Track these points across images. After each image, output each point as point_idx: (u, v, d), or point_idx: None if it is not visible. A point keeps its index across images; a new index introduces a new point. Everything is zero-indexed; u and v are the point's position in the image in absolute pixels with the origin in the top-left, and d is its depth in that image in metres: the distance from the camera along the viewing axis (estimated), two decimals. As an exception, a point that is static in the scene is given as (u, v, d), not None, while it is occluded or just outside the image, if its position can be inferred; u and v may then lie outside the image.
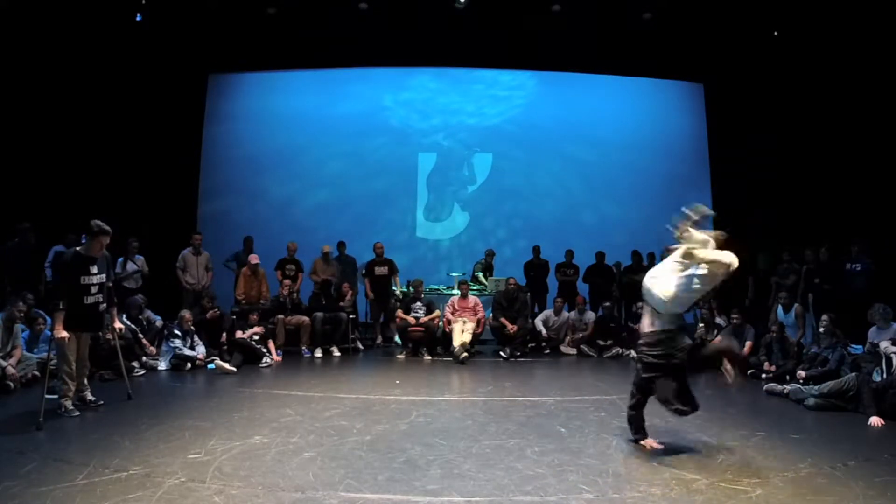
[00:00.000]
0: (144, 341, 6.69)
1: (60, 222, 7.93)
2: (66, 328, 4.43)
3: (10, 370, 5.35)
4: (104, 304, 4.78)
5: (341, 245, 9.30)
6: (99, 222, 4.67)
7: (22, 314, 5.86)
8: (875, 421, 4.49)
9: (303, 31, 10.18)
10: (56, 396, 4.84)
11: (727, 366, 3.75)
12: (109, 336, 5.49)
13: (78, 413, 4.53)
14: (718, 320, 7.84)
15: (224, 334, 7.33)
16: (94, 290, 4.64)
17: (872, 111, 8.69)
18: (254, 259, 8.28)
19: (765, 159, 10.10)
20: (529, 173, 11.31)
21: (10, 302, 5.86)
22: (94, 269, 4.63)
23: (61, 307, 4.40)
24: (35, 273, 7.39)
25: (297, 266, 8.65)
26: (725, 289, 8.90)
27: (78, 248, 4.67)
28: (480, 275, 9.48)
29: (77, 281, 4.54)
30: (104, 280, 4.74)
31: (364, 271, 9.04)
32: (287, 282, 8.22)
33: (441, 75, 11.46)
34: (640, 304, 8.37)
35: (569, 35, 10.20)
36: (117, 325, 5.26)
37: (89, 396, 4.80)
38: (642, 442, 3.80)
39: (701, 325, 7.97)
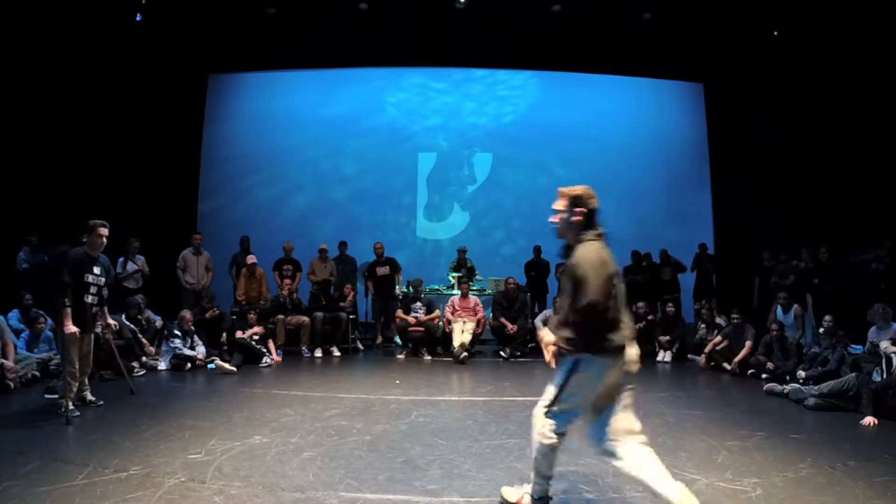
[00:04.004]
0: (144, 341, 6.69)
1: (60, 222, 7.93)
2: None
3: (7, 364, 5.34)
4: (96, 307, 4.77)
5: (342, 245, 9.29)
6: (95, 219, 4.69)
7: None
8: (868, 421, 4.49)
9: (303, 31, 10.19)
10: (56, 396, 4.84)
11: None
12: (109, 336, 5.48)
13: (78, 413, 4.53)
14: (718, 320, 7.85)
15: (224, 334, 7.34)
16: (93, 290, 4.67)
17: (873, 111, 8.69)
18: (250, 259, 8.27)
19: (764, 159, 10.11)
20: (529, 173, 11.31)
21: None
22: (97, 270, 4.67)
23: (67, 304, 4.42)
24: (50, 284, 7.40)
25: (295, 266, 8.64)
26: (727, 289, 8.95)
27: (82, 248, 4.69)
28: (452, 274, 9.35)
29: (81, 279, 4.57)
30: (101, 283, 4.76)
31: (366, 272, 9.03)
32: (287, 281, 8.22)
33: (441, 75, 11.47)
34: (640, 303, 8.45)
35: (569, 35, 10.21)
36: (109, 321, 5.17)
37: (89, 396, 4.80)
38: None
39: (702, 325, 7.98)
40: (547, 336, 2.61)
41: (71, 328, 4.40)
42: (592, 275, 2.41)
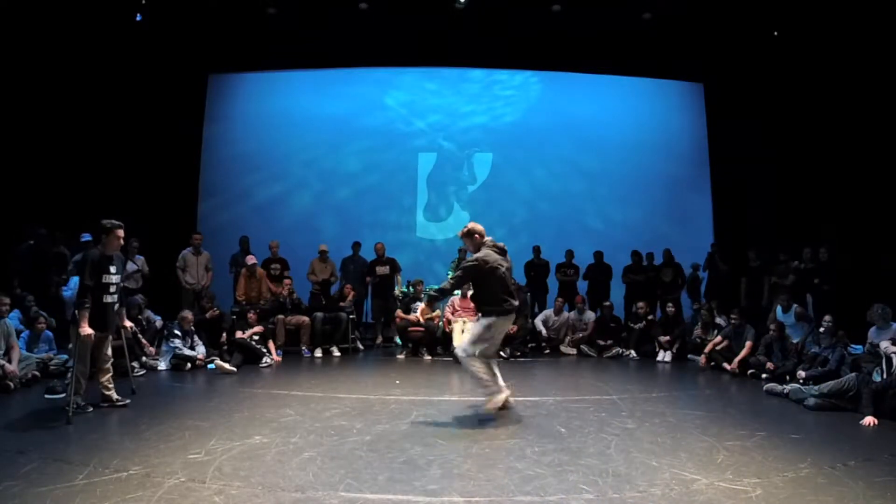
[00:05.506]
0: (144, 341, 6.68)
1: (61, 222, 7.94)
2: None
3: (9, 367, 5.34)
4: (117, 305, 4.81)
5: (356, 245, 9.30)
6: (111, 220, 4.71)
7: (6, 307, 5.78)
8: (868, 421, 4.49)
9: (303, 31, 10.19)
10: (56, 396, 4.84)
11: None
12: (111, 336, 5.48)
13: (91, 409, 4.56)
14: (718, 320, 7.85)
15: (224, 334, 7.33)
16: (112, 289, 4.68)
17: (873, 111, 8.69)
18: (250, 260, 8.26)
19: (765, 159, 10.10)
20: (529, 173, 11.31)
21: None
22: (113, 269, 4.68)
23: (87, 305, 4.42)
24: (45, 275, 7.39)
25: (283, 265, 8.63)
26: (725, 289, 8.95)
27: (98, 248, 4.69)
28: (453, 275, 9.35)
29: (99, 280, 4.57)
30: (120, 280, 4.78)
31: (366, 270, 9.04)
32: (287, 282, 8.21)
33: (441, 75, 11.47)
34: (640, 303, 8.45)
35: (569, 35, 10.21)
36: (127, 323, 5.28)
37: (115, 395, 4.80)
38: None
39: (697, 326, 7.97)
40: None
41: (86, 330, 4.39)
42: (469, 271, 4.56)
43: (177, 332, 6.74)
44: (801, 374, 5.86)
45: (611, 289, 9.49)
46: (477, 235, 4.67)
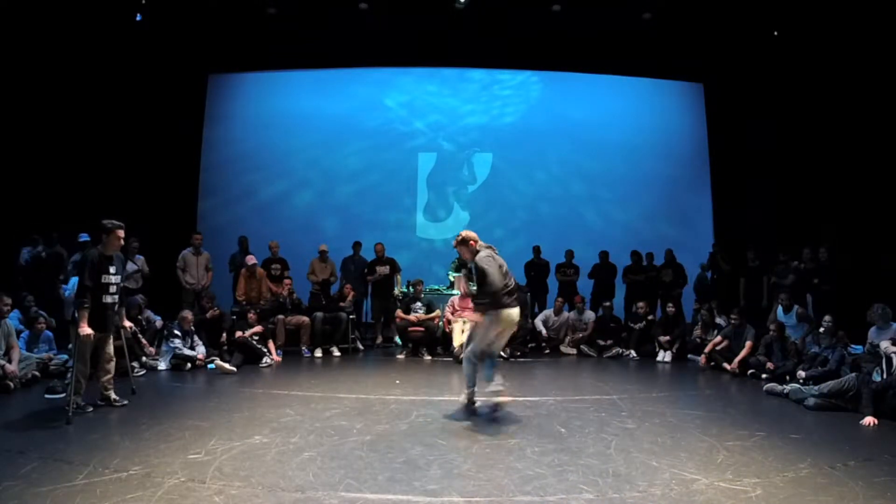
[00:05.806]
0: (144, 341, 6.68)
1: (61, 222, 7.95)
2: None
3: (9, 367, 5.34)
4: (117, 305, 4.81)
5: (356, 245, 9.30)
6: (112, 220, 4.71)
7: (8, 307, 5.78)
8: (868, 421, 4.49)
9: (303, 31, 10.20)
10: (56, 396, 4.84)
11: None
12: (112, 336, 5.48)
13: (91, 409, 4.55)
14: (718, 320, 7.85)
15: (224, 334, 7.33)
16: (112, 289, 4.68)
17: (873, 111, 8.69)
18: (250, 260, 8.25)
19: (764, 159, 10.11)
20: (529, 173, 11.32)
21: None
22: (113, 270, 4.68)
23: (86, 305, 4.42)
24: (49, 277, 7.40)
25: (283, 265, 8.64)
26: (725, 289, 8.95)
27: (97, 248, 4.69)
28: (452, 274, 9.40)
29: (99, 280, 4.57)
30: (119, 280, 4.78)
31: (366, 270, 9.04)
32: (287, 281, 8.21)
33: (441, 75, 11.48)
34: (640, 303, 8.45)
35: (569, 35, 10.21)
36: (127, 323, 5.28)
37: (113, 395, 4.81)
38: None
39: (697, 327, 7.97)
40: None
41: (86, 330, 4.40)
42: (489, 270, 4.47)
43: (177, 332, 6.73)
44: (801, 374, 5.86)
45: (615, 288, 9.50)
46: (472, 242, 4.78)
